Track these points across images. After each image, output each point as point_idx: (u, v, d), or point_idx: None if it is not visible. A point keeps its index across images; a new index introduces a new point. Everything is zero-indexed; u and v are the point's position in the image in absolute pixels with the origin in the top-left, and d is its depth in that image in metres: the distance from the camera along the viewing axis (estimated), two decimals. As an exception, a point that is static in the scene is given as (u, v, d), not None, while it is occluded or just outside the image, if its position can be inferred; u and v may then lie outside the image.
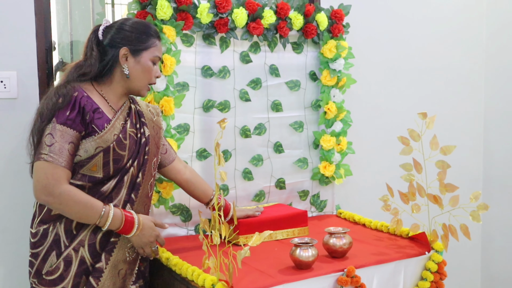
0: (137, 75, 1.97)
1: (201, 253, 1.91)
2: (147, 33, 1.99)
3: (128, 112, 2.02)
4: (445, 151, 2.30)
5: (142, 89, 2.01)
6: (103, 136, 1.87)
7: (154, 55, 1.99)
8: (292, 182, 2.90)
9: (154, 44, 2.00)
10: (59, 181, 1.78)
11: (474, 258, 3.82)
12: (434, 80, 3.52)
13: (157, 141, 2.14)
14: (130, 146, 1.96)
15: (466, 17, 3.63)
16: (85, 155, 1.85)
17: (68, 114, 1.81)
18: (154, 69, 2.01)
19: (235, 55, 2.69)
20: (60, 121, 1.80)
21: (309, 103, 2.93)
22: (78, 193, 1.82)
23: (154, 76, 2.02)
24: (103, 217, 1.84)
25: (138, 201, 2.00)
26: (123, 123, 1.97)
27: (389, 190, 2.46)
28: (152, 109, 2.19)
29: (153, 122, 2.14)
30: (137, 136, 2.01)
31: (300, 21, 2.78)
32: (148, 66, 1.98)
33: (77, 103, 1.83)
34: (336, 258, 2.17)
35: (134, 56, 1.96)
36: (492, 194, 3.69)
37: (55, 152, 1.78)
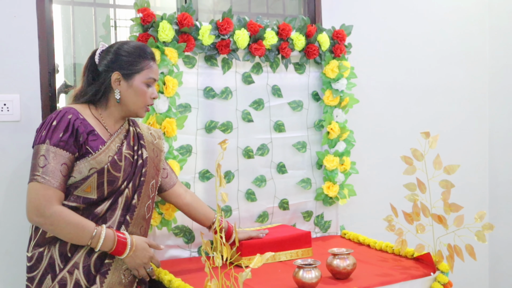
0: (130, 99, 1.98)
1: (204, 275, 1.89)
2: (141, 55, 2.00)
3: (126, 134, 2.04)
4: (448, 171, 2.28)
5: (138, 111, 2.02)
6: (97, 158, 1.89)
7: (147, 77, 2.00)
8: (296, 202, 2.88)
9: (148, 66, 2.00)
10: (51, 202, 1.79)
11: (481, 279, 3.77)
12: (437, 99, 3.52)
13: (157, 164, 2.15)
14: (125, 168, 1.97)
15: (468, 35, 3.64)
16: (79, 176, 1.87)
17: (61, 135, 1.83)
18: (149, 91, 2.01)
19: (237, 76, 2.70)
20: (53, 143, 1.82)
21: (312, 123, 2.92)
22: (69, 213, 1.82)
23: (150, 98, 2.02)
24: (94, 237, 1.84)
25: (134, 222, 2.00)
26: (119, 145, 1.98)
27: (393, 210, 2.44)
28: (153, 132, 2.21)
29: (153, 145, 2.15)
30: (133, 158, 2.02)
31: (302, 41, 2.79)
32: (141, 89, 1.98)
33: (70, 125, 1.85)
34: (340, 279, 2.14)
35: (126, 80, 1.97)
36: (499, 214, 3.66)
37: (47, 174, 1.79)
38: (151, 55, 2.03)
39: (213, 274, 1.82)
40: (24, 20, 2.36)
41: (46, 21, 2.42)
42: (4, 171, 2.34)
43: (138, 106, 2.00)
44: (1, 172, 2.34)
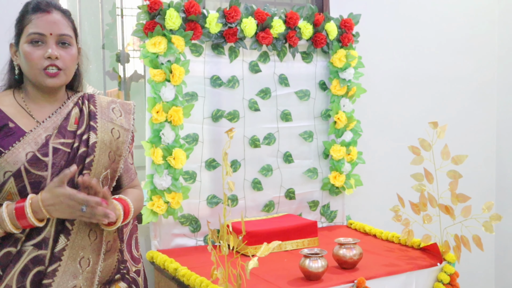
0: (24, 68, 1.56)
1: (210, 263, 1.90)
2: (23, 12, 1.57)
3: (65, 117, 1.60)
4: (456, 161, 2.27)
5: (37, 79, 1.54)
6: (10, 158, 1.47)
7: (27, 34, 1.53)
8: (302, 192, 2.88)
9: (28, 21, 1.54)
10: None
11: (487, 269, 3.76)
12: (445, 89, 3.49)
13: (116, 148, 1.65)
14: (56, 163, 1.52)
15: (477, 25, 3.61)
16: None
17: None
18: (39, 51, 1.52)
19: (244, 64, 2.69)
20: None
21: (318, 112, 2.91)
22: None
23: (43, 58, 1.52)
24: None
25: (77, 229, 1.54)
26: (49, 135, 1.54)
27: (400, 200, 2.43)
28: (119, 107, 1.73)
29: (113, 124, 1.67)
30: (72, 147, 1.56)
31: (310, 30, 2.77)
32: (26, 51, 1.52)
33: None
34: (346, 269, 2.14)
35: (17, 47, 1.57)
36: (506, 204, 3.64)
37: None
38: (35, 5, 1.56)
39: (220, 263, 1.82)
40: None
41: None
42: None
43: (32, 73, 1.53)
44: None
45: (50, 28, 1.54)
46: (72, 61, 1.58)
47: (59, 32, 1.54)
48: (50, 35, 1.53)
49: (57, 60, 1.53)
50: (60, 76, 1.54)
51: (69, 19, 1.60)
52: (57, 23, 1.55)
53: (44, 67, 1.52)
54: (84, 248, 1.56)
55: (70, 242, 1.53)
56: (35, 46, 1.53)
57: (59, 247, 1.51)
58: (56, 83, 1.54)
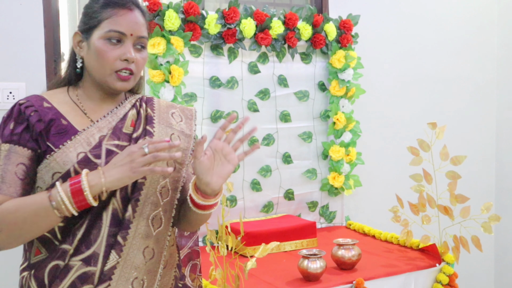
0: (92, 64, 1.41)
1: (209, 264, 1.90)
2: (105, 3, 1.41)
3: (122, 118, 1.46)
4: (455, 162, 2.27)
5: (106, 80, 1.40)
6: (59, 157, 1.33)
7: (107, 30, 1.38)
8: (301, 193, 2.88)
9: (110, 15, 1.39)
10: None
11: (487, 270, 3.76)
12: (444, 90, 3.49)
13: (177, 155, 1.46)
14: None
15: (477, 26, 3.61)
16: (44, 185, 1.35)
17: (13, 128, 1.34)
18: (116, 50, 1.38)
19: (243, 65, 2.69)
20: (4, 139, 1.34)
21: (318, 113, 2.91)
22: (12, 201, 1.31)
23: (119, 59, 1.38)
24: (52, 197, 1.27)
25: (130, 244, 1.37)
26: (103, 135, 1.40)
27: (399, 201, 2.43)
28: (179, 112, 1.57)
29: (172, 129, 1.51)
30: None
31: (309, 31, 2.77)
32: (99, 48, 1.37)
33: (22, 114, 1.35)
34: (345, 270, 2.14)
35: (86, 40, 1.41)
36: (506, 205, 3.64)
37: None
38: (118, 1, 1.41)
39: (218, 263, 1.83)
40: (30, 8, 2.36)
41: (52, 9, 2.41)
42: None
43: (102, 73, 1.39)
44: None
45: (131, 29, 1.40)
46: (144, 65, 1.46)
47: (139, 34, 1.41)
48: (130, 35, 1.39)
49: (132, 64, 1.40)
50: (130, 80, 1.42)
51: (146, 19, 1.47)
52: (138, 24, 1.41)
53: (118, 69, 1.39)
54: (138, 268, 1.38)
55: (122, 260, 1.35)
56: (112, 44, 1.38)
57: (109, 264, 1.34)
58: (126, 87, 1.42)
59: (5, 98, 2.32)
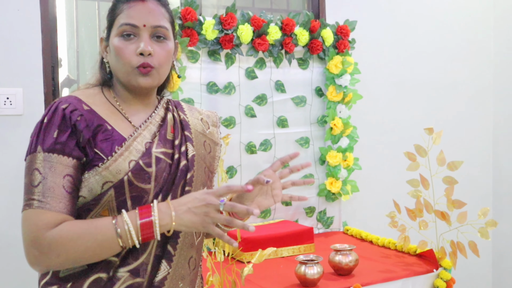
0: (114, 66, 1.33)
1: (205, 270, 1.89)
2: (115, 1, 1.36)
3: (161, 124, 1.38)
4: (452, 167, 2.27)
5: (129, 79, 1.31)
6: (112, 165, 1.24)
7: (118, 26, 1.31)
8: (298, 198, 2.87)
9: (120, 10, 1.32)
10: (48, 227, 1.18)
11: (485, 275, 3.76)
12: (441, 95, 3.50)
13: (210, 164, 1.46)
14: (158, 175, 1.30)
15: (473, 31, 3.62)
16: (90, 195, 1.25)
17: (56, 135, 1.22)
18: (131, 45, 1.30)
19: (241, 71, 2.69)
20: (46, 148, 1.21)
21: (315, 119, 2.92)
22: (72, 225, 1.20)
23: (135, 54, 1.30)
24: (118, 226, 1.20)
25: (179, 254, 1.31)
26: (148, 142, 1.31)
27: (396, 206, 2.43)
28: (206, 118, 1.52)
29: (204, 136, 1.47)
30: (172, 158, 1.34)
31: (306, 37, 2.78)
32: (115, 46, 1.30)
33: (67, 119, 1.23)
34: (342, 275, 2.14)
35: (108, 43, 1.35)
36: (502, 211, 3.65)
37: (45, 194, 1.19)
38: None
39: (215, 269, 1.82)
40: (28, 13, 2.36)
41: (50, 15, 2.42)
42: (7, 165, 2.35)
43: (124, 72, 1.31)
44: (4, 166, 2.35)
45: (143, 19, 1.30)
46: (167, 58, 1.34)
47: (154, 24, 1.31)
48: (143, 26, 1.29)
49: (150, 56, 1.29)
50: (152, 74, 1.31)
51: (166, 9, 1.37)
52: (152, 13, 1.31)
53: (136, 65, 1.29)
54: (184, 279, 1.32)
55: (172, 271, 1.29)
56: (127, 40, 1.29)
57: (160, 275, 1.27)
58: (149, 83, 1.31)
59: (2, 104, 2.32)
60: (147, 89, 1.34)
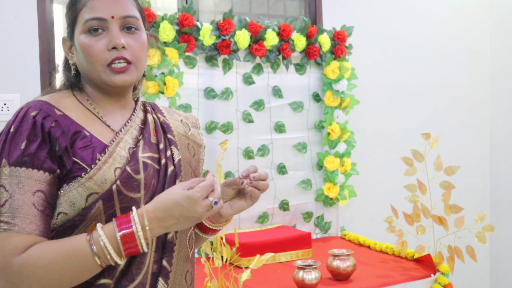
0: (83, 66, 1.19)
1: (203, 275, 1.89)
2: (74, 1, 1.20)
3: (143, 127, 1.25)
4: (449, 172, 2.28)
5: (101, 77, 1.17)
6: (96, 175, 1.10)
7: (83, 22, 1.17)
8: (296, 203, 2.88)
9: (82, 4, 1.17)
10: (16, 252, 1.03)
11: (482, 280, 3.76)
12: (438, 100, 3.51)
13: (195, 167, 1.35)
14: (148, 182, 1.17)
15: (469, 36, 3.64)
16: (72, 210, 1.10)
17: (25, 146, 1.07)
18: (100, 41, 1.16)
19: (238, 76, 2.70)
20: (13, 161, 1.06)
21: (312, 124, 2.92)
22: (44, 249, 1.05)
23: (107, 49, 1.16)
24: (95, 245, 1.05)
25: (175, 269, 1.21)
26: (131, 148, 1.18)
27: (394, 211, 2.43)
28: (185, 119, 1.41)
29: (187, 139, 1.36)
30: (159, 163, 1.22)
31: (303, 42, 2.79)
32: (82, 44, 1.16)
33: (37, 127, 1.08)
34: (340, 280, 2.14)
35: (72, 42, 1.21)
36: (500, 215, 3.65)
37: (13, 213, 1.04)
38: None
39: (213, 274, 1.82)
40: (25, 19, 2.36)
41: (47, 20, 2.42)
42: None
43: (94, 71, 1.17)
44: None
45: (111, 10, 1.16)
46: (142, 50, 1.21)
47: (123, 14, 1.17)
48: (111, 18, 1.16)
49: (124, 50, 1.16)
50: (130, 71, 1.18)
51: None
52: (119, 2, 1.17)
53: (109, 61, 1.16)
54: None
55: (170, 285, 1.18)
56: (94, 36, 1.15)
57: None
58: (127, 81, 1.18)
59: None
60: (124, 88, 1.21)
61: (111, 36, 1.15)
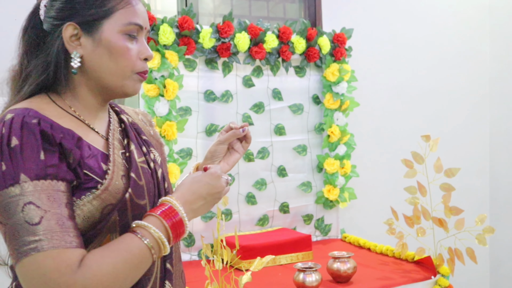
0: (104, 65, 1.10)
1: (204, 278, 1.89)
2: None
3: (124, 129, 1.21)
4: (449, 174, 2.28)
5: (124, 85, 1.13)
6: (110, 186, 1.05)
7: (127, 22, 1.11)
8: (296, 206, 2.88)
9: (123, 5, 1.11)
10: (73, 268, 0.94)
11: (482, 282, 3.76)
12: (438, 102, 3.51)
13: (166, 169, 1.31)
14: (148, 187, 1.14)
15: (469, 38, 3.64)
16: (86, 224, 1.03)
17: (45, 157, 0.97)
18: (135, 46, 1.13)
19: (238, 79, 2.70)
20: (35, 175, 0.95)
21: (312, 126, 2.92)
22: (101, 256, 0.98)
23: (139, 58, 1.14)
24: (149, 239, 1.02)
25: (175, 271, 1.20)
26: (122, 152, 1.14)
27: (394, 213, 2.43)
28: (143, 117, 1.37)
29: (154, 139, 1.32)
30: (149, 166, 1.19)
31: (303, 45, 2.79)
32: (119, 45, 1.10)
33: (49, 137, 0.99)
34: (341, 283, 2.14)
35: (89, 34, 1.09)
36: (500, 217, 3.65)
37: (53, 230, 0.94)
38: None
39: (213, 277, 1.82)
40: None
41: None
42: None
43: (119, 75, 1.12)
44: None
45: (145, 20, 1.15)
46: None
47: (149, 27, 1.18)
48: (145, 29, 1.15)
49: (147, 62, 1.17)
50: None
51: None
52: (146, 14, 1.17)
53: (139, 70, 1.14)
54: None
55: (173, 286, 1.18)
56: (131, 40, 1.12)
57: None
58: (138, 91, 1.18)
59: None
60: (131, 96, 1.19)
61: (144, 47, 1.14)
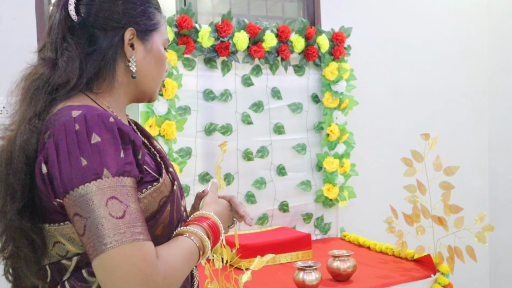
0: (150, 71, 1.19)
1: (204, 277, 1.89)
2: (152, 4, 1.20)
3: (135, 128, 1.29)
4: (448, 172, 2.28)
5: (154, 91, 1.23)
6: (166, 179, 1.15)
7: (166, 38, 1.23)
8: (296, 205, 2.88)
9: (161, 22, 1.21)
10: (155, 259, 1.00)
11: (482, 280, 3.76)
12: (437, 101, 3.51)
13: None
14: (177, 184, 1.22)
15: (468, 37, 3.64)
16: (145, 215, 1.08)
17: (124, 155, 1.02)
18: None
19: (237, 78, 2.70)
20: (116, 171, 1.00)
21: (311, 125, 2.92)
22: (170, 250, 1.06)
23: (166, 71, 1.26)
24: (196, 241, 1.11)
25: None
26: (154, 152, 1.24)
27: (393, 212, 2.44)
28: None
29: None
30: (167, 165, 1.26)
31: (302, 43, 2.79)
32: (162, 55, 1.21)
33: (125, 135, 1.04)
34: (340, 281, 2.14)
35: (142, 42, 1.17)
36: (499, 215, 3.66)
37: (133, 224, 0.99)
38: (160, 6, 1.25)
39: (213, 276, 1.82)
40: (24, 22, 2.36)
41: (45, 23, 2.42)
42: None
43: (156, 82, 1.22)
44: (1, 175, 2.34)
45: None
46: None
47: None
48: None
49: None
50: None
51: None
52: None
53: (163, 80, 1.27)
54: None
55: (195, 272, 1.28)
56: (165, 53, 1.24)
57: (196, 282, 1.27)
58: None
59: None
60: None
61: (166, 62, 1.25)
